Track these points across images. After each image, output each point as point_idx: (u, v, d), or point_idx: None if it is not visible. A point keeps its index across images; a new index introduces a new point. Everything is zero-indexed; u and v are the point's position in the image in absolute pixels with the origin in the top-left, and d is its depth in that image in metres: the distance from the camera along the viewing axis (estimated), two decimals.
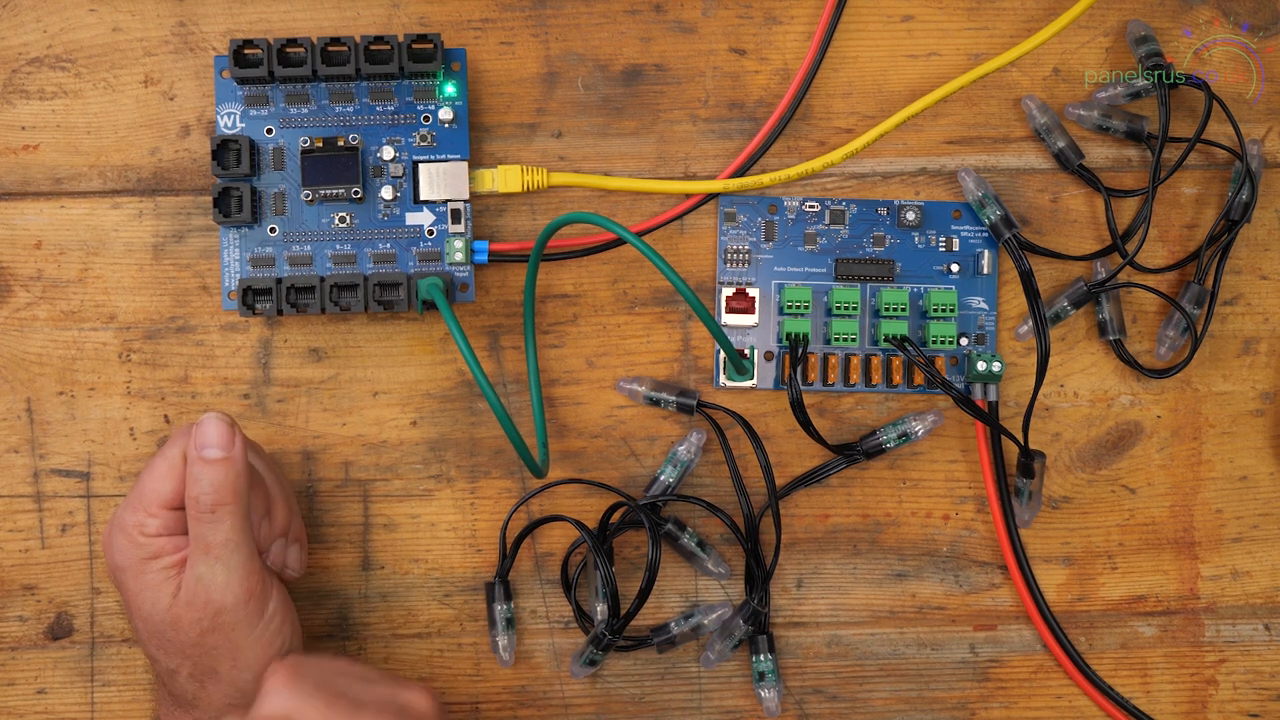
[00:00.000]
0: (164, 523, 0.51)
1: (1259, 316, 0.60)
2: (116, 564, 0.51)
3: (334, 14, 0.58)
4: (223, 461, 0.51)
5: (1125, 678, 0.59)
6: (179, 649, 0.51)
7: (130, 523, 0.51)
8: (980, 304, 0.59)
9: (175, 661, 0.51)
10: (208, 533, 0.50)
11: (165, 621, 0.51)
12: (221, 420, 0.51)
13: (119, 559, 0.51)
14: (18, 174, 0.57)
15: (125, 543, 0.51)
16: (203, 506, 0.50)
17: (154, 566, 0.51)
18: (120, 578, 0.51)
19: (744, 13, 0.59)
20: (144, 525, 0.51)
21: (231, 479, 0.51)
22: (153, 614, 0.51)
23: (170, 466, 0.51)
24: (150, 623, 0.51)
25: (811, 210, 0.59)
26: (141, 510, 0.51)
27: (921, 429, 0.57)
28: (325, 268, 0.56)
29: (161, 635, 0.51)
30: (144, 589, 0.51)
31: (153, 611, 0.51)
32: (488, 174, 0.57)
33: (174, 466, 0.52)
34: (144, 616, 0.51)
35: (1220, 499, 0.59)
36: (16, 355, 0.57)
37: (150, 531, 0.51)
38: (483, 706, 0.58)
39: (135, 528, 0.51)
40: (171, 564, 0.51)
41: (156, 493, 0.51)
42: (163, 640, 0.51)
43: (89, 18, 0.57)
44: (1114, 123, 0.58)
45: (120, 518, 0.51)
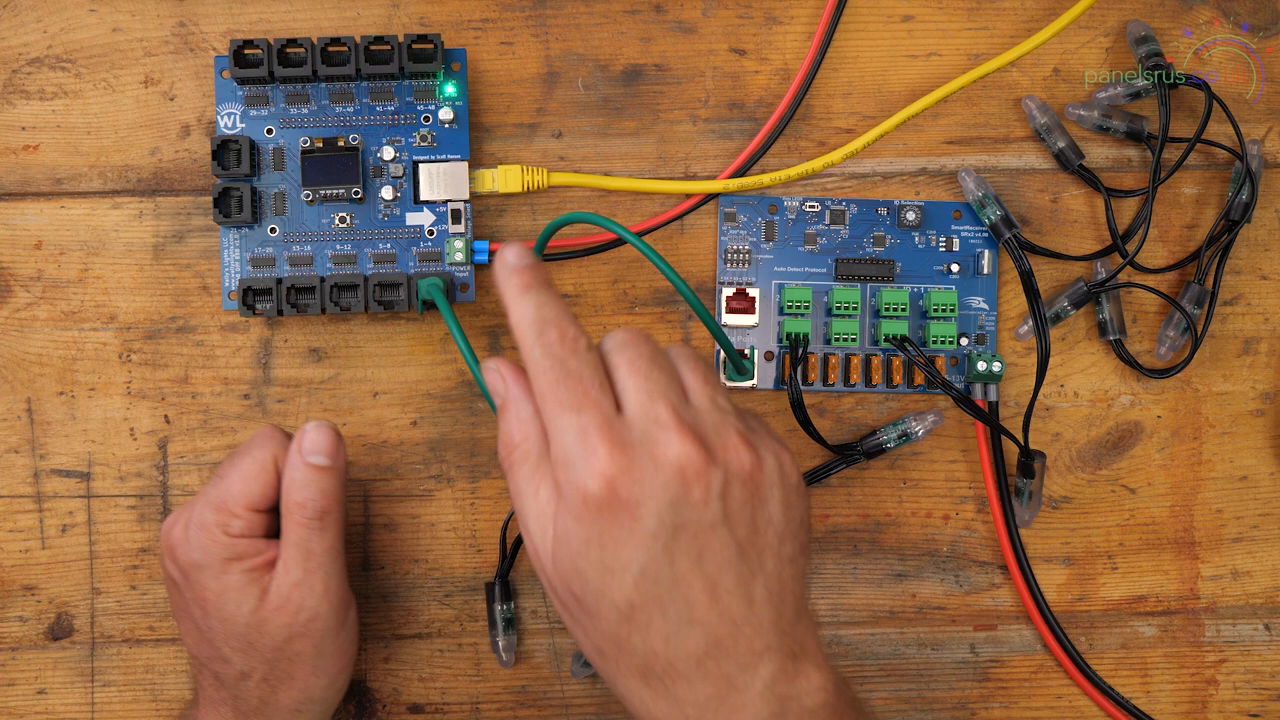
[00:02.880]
0: (248, 524, 0.51)
1: (1259, 316, 0.60)
2: (194, 562, 0.50)
3: (334, 14, 0.58)
4: (330, 470, 0.51)
5: (1125, 678, 0.59)
6: (259, 653, 0.50)
7: (213, 521, 0.50)
8: (980, 304, 0.59)
9: (251, 665, 0.50)
10: (312, 540, 0.50)
11: (250, 624, 0.50)
12: (330, 429, 0.52)
13: (198, 557, 0.50)
14: (18, 174, 0.57)
15: (207, 541, 0.50)
16: (309, 513, 0.51)
17: (237, 568, 0.50)
18: (197, 576, 0.50)
19: (744, 13, 0.59)
20: (228, 525, 0.51)
21: (337, 487, 0.51)
22: (236, 616, 0.50)
23: (261, 469, 0.51)
24: (231, 624, 0.50)
25: (811, 210, 0.59)
26: (226, 510, 0.51)
27: (921, 429, 0.57)
28: (325, 268, 0.56)
29: (243, 638, 0.50)
30: (227, 590, 0.50)
31: (236, 613, 0.50)
32: (488, 174, 0.57)
33: (265, 469, 0.51)
34: (224, 618, 0.50)
35: (1220, 499, 0.59)
36: (16, 355, 0.57)
37: (234, 531, 0.51)
38: (483, 706, 0.58)
39: (219, 527, 0.50)
40: (255, 566, 0.51)
41: (246, 494, 0.51)
42: (243, 643, 0.50)
43: (89, 18, 0.57)
44: (1114, 123, 0.58)
45: (201, 516, 0.50)
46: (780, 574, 0.44)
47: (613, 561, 0.42)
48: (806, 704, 0.43)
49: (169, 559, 0.51)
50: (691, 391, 0.45)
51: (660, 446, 0.42)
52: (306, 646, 0.51)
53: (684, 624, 0.43)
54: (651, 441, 0.43)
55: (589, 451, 0.42)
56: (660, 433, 0.43)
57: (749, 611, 0.43)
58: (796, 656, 0.44)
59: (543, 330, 0.44)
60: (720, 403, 0.45)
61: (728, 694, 0.43)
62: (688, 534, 0.42)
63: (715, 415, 0.44)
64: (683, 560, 0.42)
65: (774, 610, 0.44)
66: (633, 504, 0.42)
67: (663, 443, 0.42)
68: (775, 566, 0.44)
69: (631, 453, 0.42)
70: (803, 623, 0.45)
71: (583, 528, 0.42)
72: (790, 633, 0.44)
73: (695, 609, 0.42)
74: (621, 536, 0.42)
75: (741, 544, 0.43)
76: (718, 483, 0.43)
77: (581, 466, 0.42)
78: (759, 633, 0.43)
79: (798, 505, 0.45)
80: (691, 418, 0.44)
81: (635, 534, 0.42)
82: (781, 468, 0.45)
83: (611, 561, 0.42)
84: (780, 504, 0.44)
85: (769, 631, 0.43)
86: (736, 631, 0.43)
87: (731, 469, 0.43)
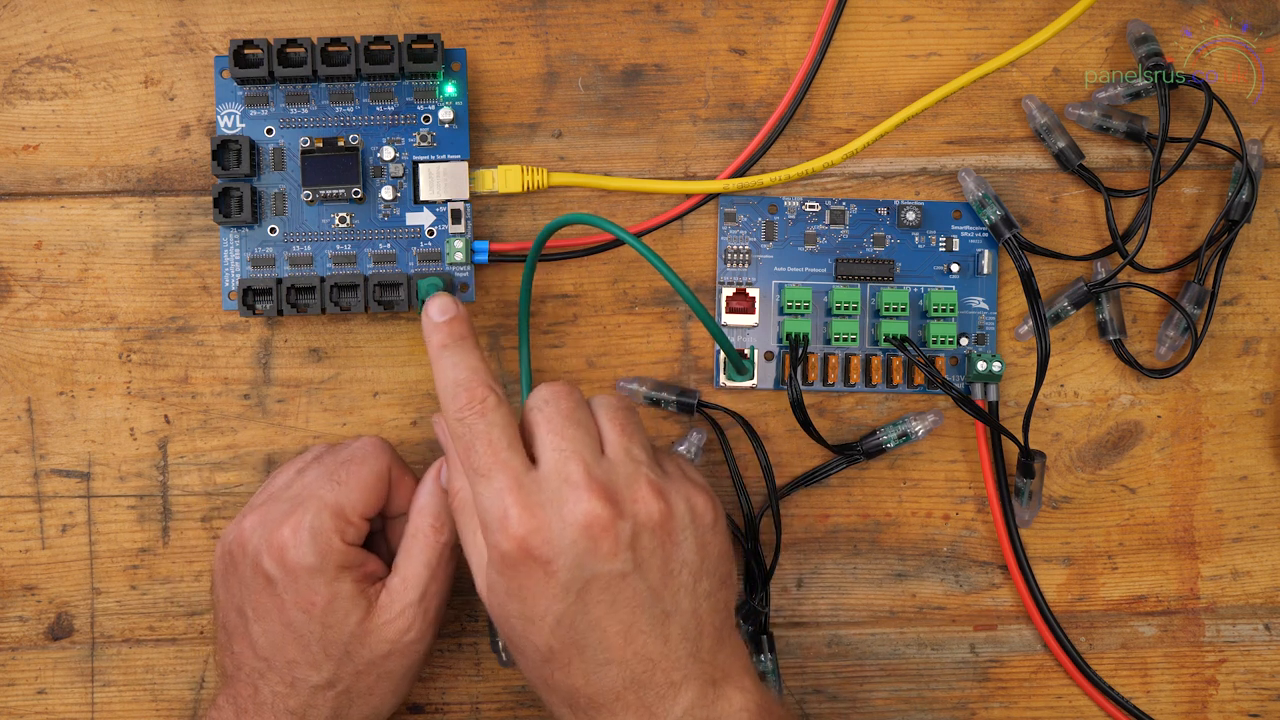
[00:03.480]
0: (358, 534, 0.51)
1: (1259, 316, 0.60)
2: (307, 565, 0.50)
3: (334, 14, 0.58)
4: None
5: (1125, 678, 0.59)
6: (352, 664, 0.50)
7: (332, 527, 0.50)
8: (980, 304, 0.59)
9: (338, 675, 0.50)
10: (439, 563, 0.52)
11: (353, 635, 0.50)
12: None
13: (312, 561, 0.50)
14: (18, 174, 0.57)
15: (324, 546, 0.50)
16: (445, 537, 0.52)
17: (348, 577, 0.50)
18: (309, 580, 0.50)
19: (744, 13, 0.59)
20: (345, 532, 0.51)
21: None
22: (342, 624, 0.50)
23: (380, 481, 0.52)
24: (334, 632, 0.50)
25: (811, 210, 0.59)
26: (343, 517, 0.51)
27: (921, 429, 0.57)
28: (325, 268, 0.56)
29: (341, 647, 0.50)
30: (338, 597, 0.50)
31: (343, 622, 0.50)
32: (488, 174, 0.57)
33: (382, 481, 0.52)
34: (328, 624, 0.50)
35: (1220, 499, 0.59)
36: (16, 355, 0.57)
37: (349, 539, 0.51)
38: (483, 706, 0.58)
39: (337, 533, 0.50)
40: (361, 577, 0.51)
41: (365, 503, 0.51)
42: (339, 652, 0.50)
43: (89, 18, 0.57)
44: (1114, 123, 0.58)
45: (318, 520, 0.50)
46: (696, 610, 0.47)
47: (531, 612, 0.46)
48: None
49: (270, 558, 0.50)
50: (607, 444, 0.48)
51: (569, 505, 0.46)
52: (399, 665, 0.52)
53: (601, 664, 0.46)
54: (561, 500, 0.46)
55: (502, 514, 0.46)
56: (569, 491, 0.46)
57: (665, 648, 0.46)
58: (716, 682, 0.47)
59: (455, 394, 0.48)
60: (635, 453, 0.48)
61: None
62: (599, 584, 0.46)
63: (628, 467, 0.47)
64: (596, 608, 0.46)
65: (690, 644, 0.47)
66: (545, 560, 0.45)
67: (571, 500, 0.46)
68: (690, 604, 0.47)
69: (541, 513, 0.46)
70: (725, 649, 0.48)
71: (504, 580, 0.46)
72: (709, 661, 0.47)
73: (611, 650, 0.46)
74: (537, 590, 0.46)
75: (655, 588, 0.46)
76: (626, 534, 0.46)
77: (497, 528, 0.46)
78: (676, 666, 0.46)
79: (714, 543, 0.48)
80: (602, 472, 0.47)
81: (549, 587, 0.45)
82: (694, 511, 0.48)
83: (530, 612, 0.46)
84: (694, 545, 0.47)
85: (686, 663, 0.46)
86: (653, 667, 0.46)
87: (640, 520, 0.46)
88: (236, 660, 0.51)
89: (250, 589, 0.51)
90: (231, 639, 0.52)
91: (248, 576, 0.51)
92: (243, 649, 0.51)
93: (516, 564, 0.46)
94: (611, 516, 0.46)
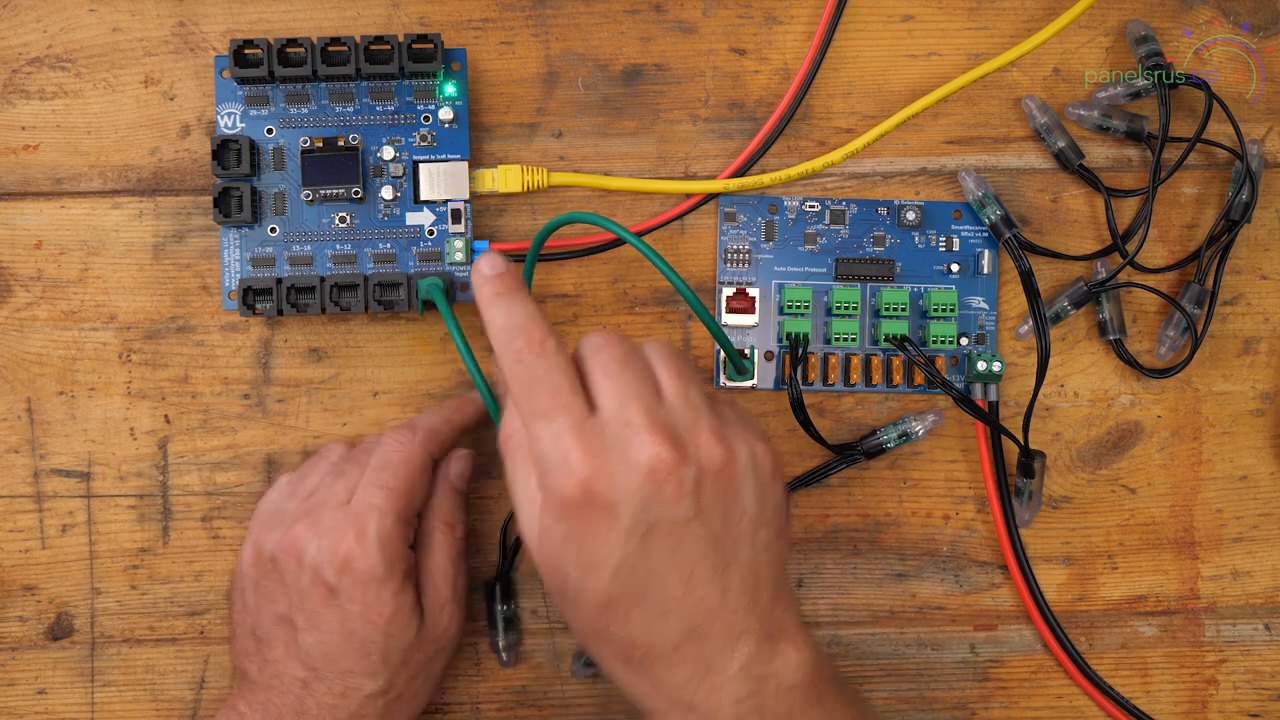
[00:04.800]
0: (410, 535, 0.51)
1: (1259, 316, 0.60)
2: (377, 576, 0.49)
3: (334, 14, 0.58)
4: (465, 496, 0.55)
5: (1125, 678, 0.59)
6: (408, 670, 0.51)
7: (399, 535, 0.50)
8: (980, 304, 0.59)
9: (394, 681, 0.50)
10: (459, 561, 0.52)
11: (413, 642, 0.50)
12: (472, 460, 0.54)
13: (383, 571, 0.49)
14: (18, 174, 0.57)
15: (394, 555, 0.50)
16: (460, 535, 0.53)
17: (410, 584, 0.51)
18: (378, 590, 0.49)
19: (744, 13, 0.59)
20: (407, 536, 0.51)
21: None
22: (406, 632, 0.50)
23: (424, 478, 0.52)
24: (397, 640, 0.50)
25: (811, 210, 0.59)
26: (406, 522, 0.51)
27: (921, 429, 0.57)
28: (325, 268, 0.56)
29: (402, 654, 0.50)
30: (403, 606, 0.50)
31: (407, 629, 0.50)
32: (488, 174, 0.57)
33: (426, 477, 0.52)
34: (391, 633, 0.49)
35: (1220, 499, 0.59)
36: (16, 355, 0.57)
37: (410, 542, 0.51)
38: (483, 706, 0.58)
39: (403, 539, 0.50)
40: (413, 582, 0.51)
41: (417, 504, 0.52)
42: (400, 660, 0.50)
43: (89, 18, 0.57)
44: (1114, 123, 0.58)
45: (388, 528, 0.50)
46: (755, 561, 0.46)
47: (590, 558, 0.44)
48: (784, 682, 0.45)
49: (333, 569, 0.49)
50: (665, 389, 0.46)
51: (633, 448, 0.44)
52: (440, 663, 0.52)
53: (660, 614, 0.44)
54: (624, 444, 0.44)
55: (563, 456, 0.44)
56: (632, 434, 0.44)
57: (724, 600, 0.45)
58: (774, 637, 0.45)
59: (511, 337, 0.46)
60: (693, 398, 0.46)
61: (705, 675, 0.44)
62: (662, 530, 0.44)
63: (688, 412, 0.46)
64: (658, 555, 0.44)
65: (749, 596, 0.45)
66: (608, 505, 0.43)
67: (635, 444, 0.44)
68: (750, 555, 0.45)
69: (605, 455, 0.44)
70: (780, 604, 0.46)
71: (562, 526, 0.44)
72: (767, 615, 0.45)
73: (671, 600, 0.44)
74: (598, 535, 0.44)
75: (716, 536, 0.45)
76: (690, 479, 0.44)
77: (558, 471, 0.44)
78: (734, 618, 0.45)
79: (772, 493, 0.47)
80: (663, 416, 0.45)
81: (611, 532, 0.44)
82: (755, 459, 0.46)
83: (589, 558, 0.44)
84: (754, 494, 0.46)
85: (744, 616, 0.45)
86: (712, 619, 0.44)
87: (703, 465, 0.45)
88: (274, 669, 0.50)
89: (306, 599, 0.50)
90: (265, 646, 0.51)
91: (304, 586, 0.50)
92: (283, 657, 0.50)
93: (578, 508, 0.44)
94: (676, 460, 0.44)
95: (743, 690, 0.45)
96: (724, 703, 0.44)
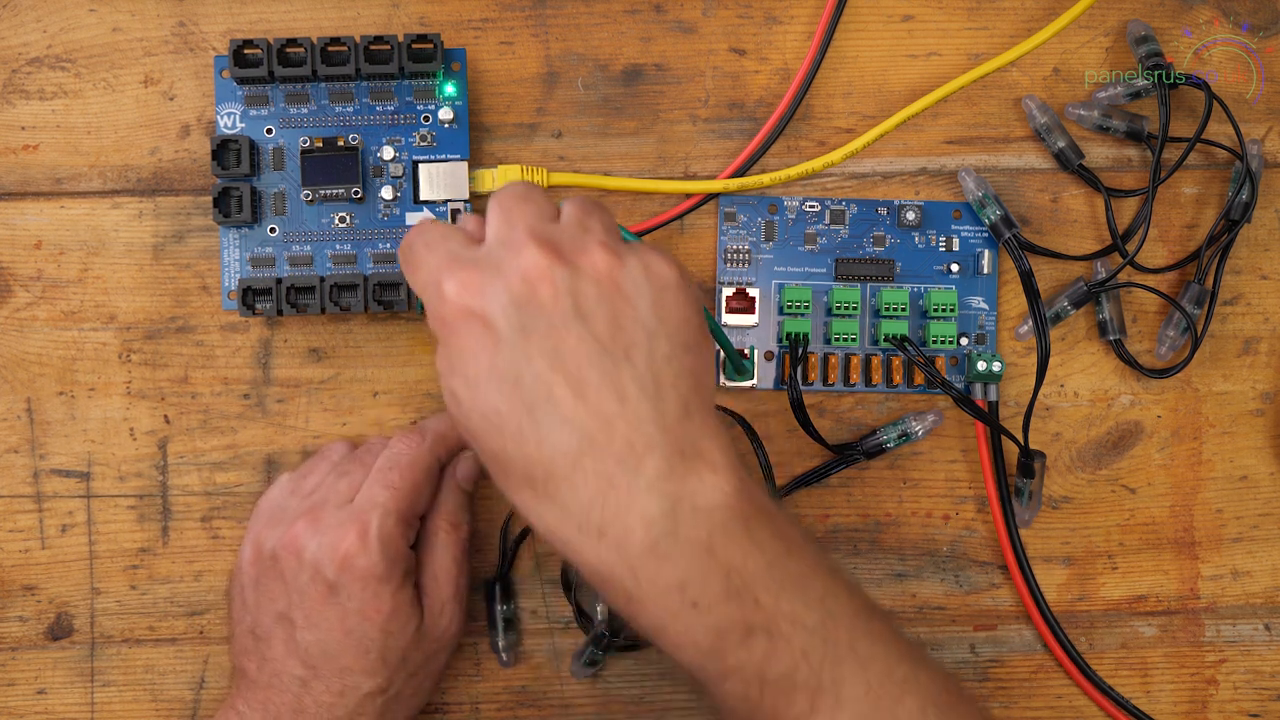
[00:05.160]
0: (412, 537, 0.51)
1: (1259, 316, 0.60)
2: (378, 574, 0.49)
3: (334, 14, 0.58)
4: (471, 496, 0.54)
5: (1125, 678, 0.59)
6: (407, 668, 0.51)
7: (400, 534, 0.50)
8: (980, 304, 0.59)
9: (393, 680, 0.50)
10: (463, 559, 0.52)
11: (412, 640, 0.50)
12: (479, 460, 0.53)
13: (384, 570, 0.49)
14: (18, 174, 0.57)
15: (395, 554, 0.50)
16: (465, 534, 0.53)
17: (409, 582, 0.50)
18: (377, 589, 0.49)
19: (744, 13, 0.59)
20: (409, 536, 0.51)
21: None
22: (405, 630, 0.50)
23: (430, 478, 0.52)
24: (397, 639, 0.50)
25: (811, 210, 0.59)
26: (407, 522, 0.50)
27: (921, 429, 0.57)
28: (325, 268, 0.56)
29: (400, 653, 0.50)
30: (402, 605, 0.50)
31: (405, 628, 0.50)
32: (488, 174, 0.57)
33: (432, 478, 0.52)
34: (390, 631, 0.49)
35: (1220, 499, 0.59)
36: (16, 355, 0.57)
37: (411, 543, 0.51)
38: (483, 706, 0.58)
39: (405, 539, 0.50)
40: (412, 581, 0.51)
41: (421, 504, 0.52)
42: (398, 658, 0.50)
43: (89, 18, 0.57)
44: (1114, 123, 0.58)
45: (388, 528, 0.49)
46: (654, 370, 0.43)
47: (473, 373, 0.42)
48: (700, 503, 0.42)
49: (333, 566, 0.49)
50: (563, 217, 0.45)
51: (508, 259, 0.43)
52: (439, 663, 0.52)
53: (554, 425, 0.42)
54: (499, 259, 0.43)
55: (437, 283, 0.43)
56: (508, 251, 0.43)
57: (621, 407, 0.42)
58: (686, 455, 0.42)
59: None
60: (590, 225, 0.44)
61: (609, 492, 0.42)
62: (539, 333, 0.42)
63: (577, 231, 0.44)
64: (539, 360, 0.42)
65: (651, 406, 0.42)
66: (481, 315, 0.42)
67: (510, 255, 0.43)
68: (646, 362, 0.43)
69: (478, 272, 0.43)
70: (694, 423, 0.43)
71: (447, 351, 0.43)
72: (676, 430, 0.42)
73: (562, 407, 0.42)
74: (477, 348, 0.42)
75: (602, 340, 0.42)
76: (565, 280, 0.42)
77: (434, 297, 0.43)
78: (636, 428, 0.42)
79: (674, 305, 0.44)
80: (548, 232, 0.44)
81: (488, 341, 0.42)
82: (648, 268, 0.44)
83: (472, 373, 0.42)
84: (649, 303, 0.43)
85: (648, 426, 0.42)
86: (610, 427, 0.42)
87: (583, 269, 0.43)
88: (272, 667, 0.50)
89: (305, 596, 0.50)
90: (264, 644, 0.51)
91: (304, 583, 0.50)
92: (282, 656, 0.50)
93: (455, 325, 0.42)
94: (550, 263, 0.42)
95: (654, 508, 0.41)
96: (634, 525, 0.41)
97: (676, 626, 0.42)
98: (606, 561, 0.42)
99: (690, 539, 0.42)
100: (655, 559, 0.41)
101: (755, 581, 0.42)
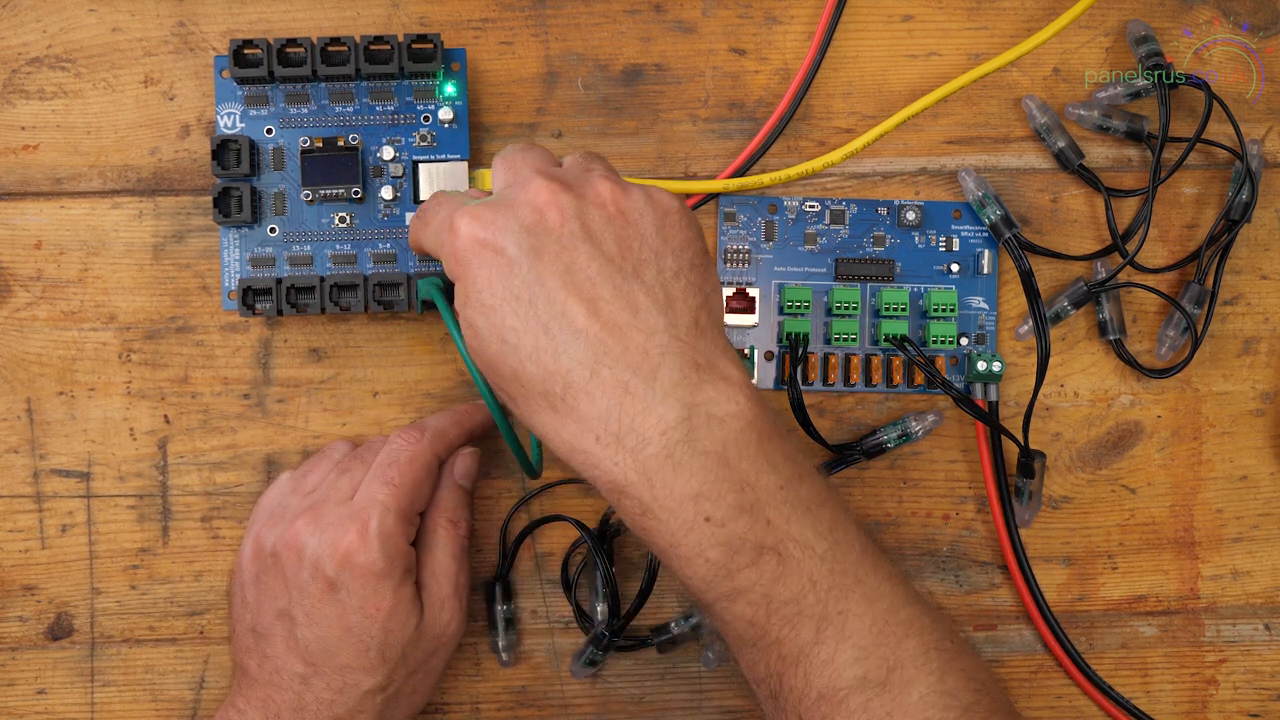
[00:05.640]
0: (411, 533, 0.51)
1: (1259, 316, 0.60)
2: (378, 571, 0.49)
3: (334, 14, 0.58)
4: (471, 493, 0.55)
5: (1125, 678, 0.59)
6: (407, 666, 0.51)
7: (400, 531, 0.50)
8: (980, 304, 0.59)
9: (393, 678, 0.50)
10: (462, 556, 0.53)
11: (412, 638, 0.50)
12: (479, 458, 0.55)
13: (383, 566, 0.49)
14: (18, 174, 0.57)
15: (394, 551, 0.50)
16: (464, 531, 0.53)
17: (409, 579, 0.50)
18: (377, 585, 0.49)
19: (744, 13, 0.59)
20: (409, 533, 0.51)
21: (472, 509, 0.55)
22: (405, 628, 0.50)
23: (430, 476, 0.52)
24: (396, 636, 0.50)
25: (811, 210, 0.59)
26: (406, 519, 0.51)
27: (921, 429, 0.57)
28: (325, 268, 0.56)
29: (400, 650, 0.50)
30: (402, 602, 0.50)
31: (406, 625, 0.50)
32: (488, 174, 0.57)
33: (432, 476, 0.52)
34: (390, 629, 0.50)
35: (1220, 499, 0.59)
36: (16, 355, 0.57)
37: (411, 540, 0.51)
38: (483, 706, 0.58)
39: (405, 536, 0.50)
40: (412, 579, 0.51)
41: (421, 501, 0.52)
42: (398, 656, 0.50)
43: (89, 18, 0.57)
44: (1114, 123, 0.58)
45: (388, 524, 0.50)
46: (663, 285, 0.44)
47: (488, 298, 0.44)
48: (715, 411, 0.43)
49: (334, 563, 0.49)
50: (566, 161, 0.48)
51: (518, 194, 0.45)
52: (440, 661, 0.52)
53: (569, 337, 0.43)
54: (509, 197, 0.45)
55: (450, 225, 0.45)
56: (518, 189, 0.45)
57: (634, 318, 0.43)
58: (700, 367, 0.43)
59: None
60: (592, 165, 0.47)
61: (626, 400, 0.43)
62: (549, 254, 0.44)
63: (580, 171, 0.47)
64: (550, 279, 0.43)
65: (663, 317, 0.44)
66: (492, 244, 0.44)
67: (520, 191, 0.45)
68: (655, 278, 0.44)
69: (487, 211, 0.44)
70: (706, 338, 0.44)
71: (463, 286, 0.44)
72: (688, 341, 0.44)
73: (575, 320, 0.43)
74: (491, 275, 0.44)
75: (611, 258, 0.44)
76: (572, 206, 0.44)
77: (448, 239, 0.45)
78: (650, 337, 0.43)
79: (678, 228, 0.46)
80: (554, 172, 0.46)
81: (501, 266, 0.44)
82: (650, 197, 0.46)
83: (489, 300, 0.44)
84: (654, 226, 0.45)
85: (661, 335, 0.43)
86: (624, 336, 0.43)
87: (589, 198, 0.45)
88: (273, 665, 0.50)
89: (306, 593, 0.50)
90: (265, 642, 0.51)
91: (304, 580, 0.50)
92: (282, 653, 0.50)
93: (469, 258, 0.44)
94: (557, 190, 0.44)
95: (670, 415, 0.42)
96: (650, 432, 0.42)
97: (689, 540, 0.43)
98: (623, 469, 0.43)
99: (705, 449, 0.43)
100: (671, 466, 0.42)
101: (767, 500, 0.43)
